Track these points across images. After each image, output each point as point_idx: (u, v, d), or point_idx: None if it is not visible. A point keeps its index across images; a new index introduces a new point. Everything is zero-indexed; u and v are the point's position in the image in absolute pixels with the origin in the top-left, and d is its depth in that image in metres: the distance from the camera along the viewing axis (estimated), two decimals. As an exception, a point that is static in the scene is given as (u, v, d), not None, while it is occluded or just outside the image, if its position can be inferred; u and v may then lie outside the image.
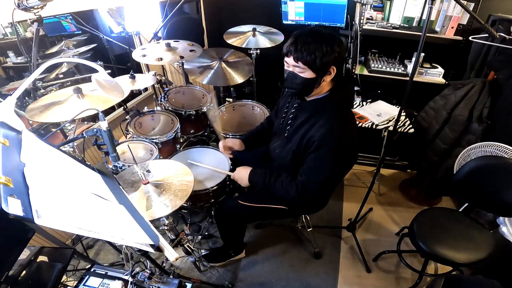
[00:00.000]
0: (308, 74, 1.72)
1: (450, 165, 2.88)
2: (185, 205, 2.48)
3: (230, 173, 2.35)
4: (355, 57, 3.28)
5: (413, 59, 3.24)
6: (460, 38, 3.10)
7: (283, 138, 2.10)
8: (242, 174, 2.22)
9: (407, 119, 3.18)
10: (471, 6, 2.88)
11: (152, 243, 1.10)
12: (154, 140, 2.57)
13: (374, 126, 3.07)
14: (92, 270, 1.71)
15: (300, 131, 1.92)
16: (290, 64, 1.75)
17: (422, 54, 3.23)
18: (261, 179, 2.11)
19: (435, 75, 3.26)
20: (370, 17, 3.27)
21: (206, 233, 3.06)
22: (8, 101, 1.04)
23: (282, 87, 2.30)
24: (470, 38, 2.91)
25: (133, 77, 2.68)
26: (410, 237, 2.43)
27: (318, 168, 1.86)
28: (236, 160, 2.58)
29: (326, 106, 1.85)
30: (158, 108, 2.97)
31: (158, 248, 1.12)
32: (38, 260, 1.70)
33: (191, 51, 2.82)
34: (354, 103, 3.41)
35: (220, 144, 2.54)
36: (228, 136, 2.83)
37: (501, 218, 2.44)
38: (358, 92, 3.53)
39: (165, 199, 1.79)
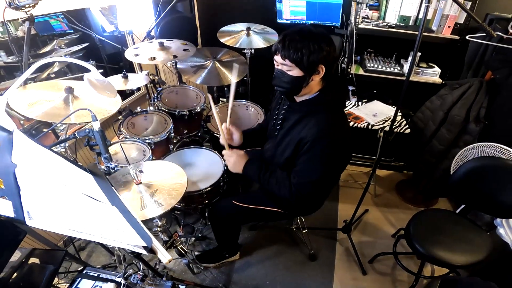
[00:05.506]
0: (295, 72, 1.74)
1: (447, 166, 2.90)
2: (179, 206, 2.49)
3: (224, 151, 2.22)
4: (350, 57, 3.30)
5: (410, 58, 3.26)
6: (457, 37, 3.12)
7: (274, 140, 2.11)
8: (237, 160, 2.15)
9: (403, 119, 3.20)
10: (468, 5, 2.90)
11: (145, 244, 1.11)
12: (147, 141, 2.58)
13: (369, 127, 3.09)
14: (84, 272, 1.72)
15: (291, 133, 1.93)
16: (278, 62, 1.78)
17: (419, 54, 3.25)
18: (256, 173, 2.09)
19: (432, 74, 3.29)
20: (366, 16, 3.29)
21: (199, 235, 3.07)
22: (-1, 101, 1.04)
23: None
24: (467, 37, 2.93)
25: (125, 77, 2.68)
26: (406, 239, 2.44)
27: (310, 170, 1.87)
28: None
29: (316, 107, 1.86)
30: (151, 108, 2.98)
31: (151, 250, 1.12)
32: (29, 262, 1.70)
33: (184, 50, 2.83)
34: (350, 103, 3.42)
35: (223, 126, 2.29)
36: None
37: (498, 219, 2.46)
38: (354, 92, 3.54)
39: (158, 199, 1.79)
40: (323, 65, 1.72)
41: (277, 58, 1.77)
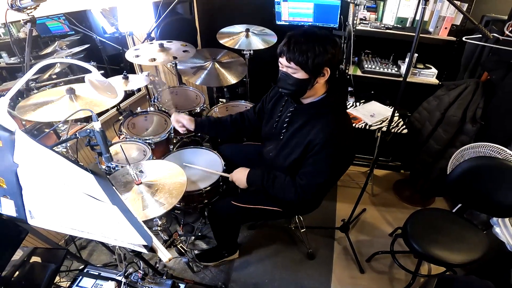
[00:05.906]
0: (300, 74, 1.73)
1: (444, 166, 2.89)
2: (178, 205, 2.48)
3: (228, 175, 2.35)
4: (348, 58, 3.30)
5: (407, 59, 3.26)
6: (453, 38, 3.12)
7: (278, 143, 2.10)
8: (241, 175, 2.21)
9: (401, 119, 3.21)
10: (465, 6, 2.90)
11: (145, 243, 1.11)
12: (147, 141, 2.58)
13: (367, 127, 3.09)
14: (85, 270, 1.72)
15: (298, 136, 1.93)
16: (283, 64, 1.76)
17: (416, 55, 3.25)
18: (259, 180, 2.10)
19: (429, 75, 3.29)
20: (364, 18, 3.29)
21: (199, 234, 3.08)
22: (1, 102, 1.04)
23: (272, 88, 2.31)
24: (463, 38, 2.94)
25: (126, 78, 2.68)
26: (403, 237, 2.45)
27: (318, 172, 1.87)
28: (228, 161, 2.59)
29: (322, 109, 1.86)
30: (151, 108, 2.98)
31: (151, 249, 1.12)
32: (31, 260, 1.70)
33: (184, 51, 2.83)
34: (348, 104, 3.42)
35: (172, 117, 2.47)
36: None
37: (494, 218, 2.46)
38: (351, 93, 3.53)
39: (159, 199, 1.79)
40: (328, 67, 1.72)
41: (282, 60, 1.75)
